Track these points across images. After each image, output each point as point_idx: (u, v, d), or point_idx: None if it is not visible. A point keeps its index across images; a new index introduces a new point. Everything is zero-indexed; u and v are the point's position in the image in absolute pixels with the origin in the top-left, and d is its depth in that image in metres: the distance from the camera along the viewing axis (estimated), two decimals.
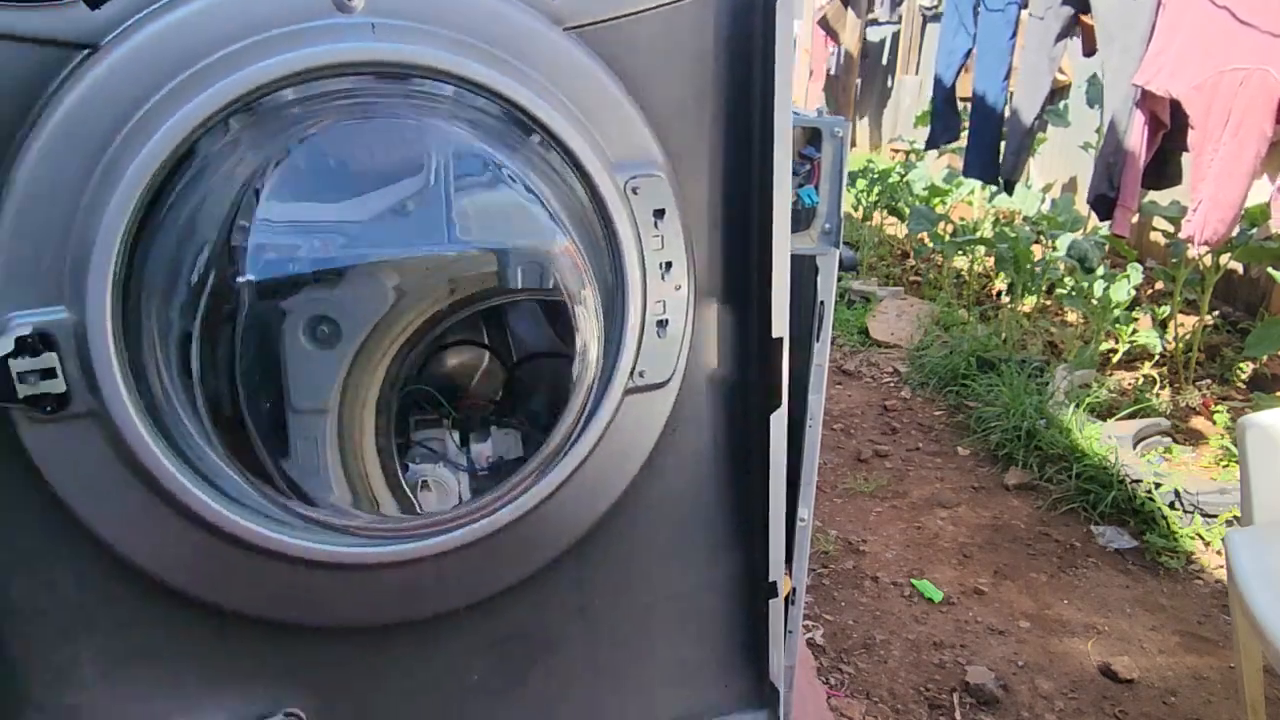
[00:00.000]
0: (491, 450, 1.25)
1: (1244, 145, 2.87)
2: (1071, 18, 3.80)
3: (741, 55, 0.97)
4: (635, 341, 1.00)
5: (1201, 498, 2.97)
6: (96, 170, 0.79)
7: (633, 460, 1.07)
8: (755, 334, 1.07)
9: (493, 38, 0.89)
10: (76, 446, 0.84)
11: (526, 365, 1.66)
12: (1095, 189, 3.54)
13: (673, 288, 1.01)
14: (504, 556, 1.05)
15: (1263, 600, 1.71)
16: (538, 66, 0.91)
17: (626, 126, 0.95)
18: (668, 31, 0.95)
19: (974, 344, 4.24)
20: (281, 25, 0.82)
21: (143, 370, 0.85)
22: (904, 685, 2.28)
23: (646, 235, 0.98)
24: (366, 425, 1.09)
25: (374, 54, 0.85)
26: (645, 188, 0.96)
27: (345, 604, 1.01)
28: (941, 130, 4.99)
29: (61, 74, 0.78)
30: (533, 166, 0.95)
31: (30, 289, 0.80)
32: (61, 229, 0.79)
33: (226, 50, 0.81)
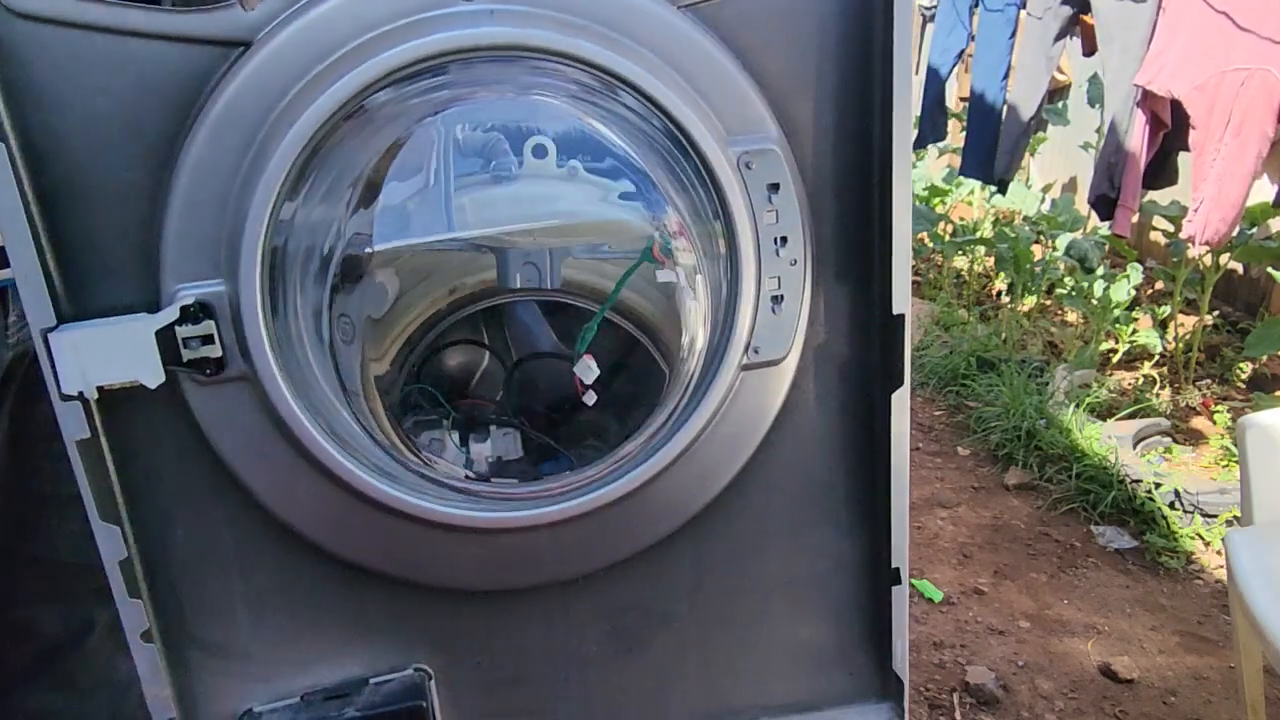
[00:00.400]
0: (491, 450, 1.25)
1: (1245, 145, 2.87)
2: (1071, 18, 3.79)
3: (859, 28, 0.97)
4: (750, 317, 0.99)
5: (1201, 498, 2.98)
6: (249, 153, 0.88)
7: (750, 438, 1.07)
8: (875, 311, 1.05)
9: (608, 19, 0.92)
10: (231, 407, 0.93)
11: (526, 365, 1.66)
12: (1096, 189, 3.54)
13: (788, 263, 1.00)
14: (618, 530, 1.07)
15: (1263, 600, 1.71)
16: (653, 45, 0.93)
17: (741, 101, 0.96)
18: (783, 6, 0.96)
19: (974, 344, 4.24)
20: (409, 15, 0.89)
21: (289, 338, 0.94)
22: None
23: (761, 210, 0.98)
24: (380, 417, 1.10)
25: (496, 37, 0.90)
26: (759, 162, 0.97)
27: (466, 567, 1.06)
28: (929, 130, 4.96)
29: (221, 69, 0.88)
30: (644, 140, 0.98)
31: (194, 263, 0.90)
32: (219, 209, 0.89)
33: (360, 40, 0.89)
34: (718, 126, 0.96)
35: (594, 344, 1.20)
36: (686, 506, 1.08)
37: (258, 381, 0.91)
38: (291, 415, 0.92)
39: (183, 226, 0.89)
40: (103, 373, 0.89)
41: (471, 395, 1.32)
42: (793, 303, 1.01)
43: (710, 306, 1.01)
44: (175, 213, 0.89)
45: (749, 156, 0.96)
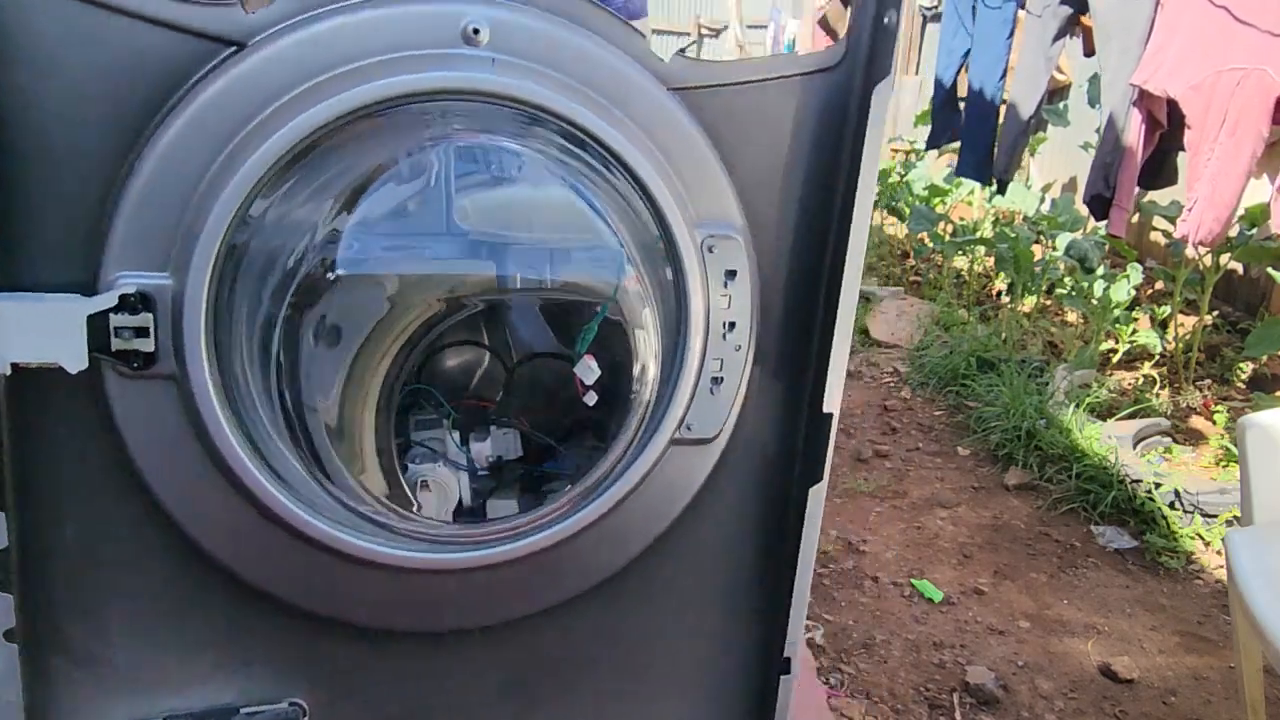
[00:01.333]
0: (491, 450, 1.25)
1: (1241, 145, 2.87)
2: (1070, 17, 3.79)
3: (831, 136, 1.01)
4: (688, 395, 1.02)
5: (1201, 498, 2.97)
6: (221, 156, 0.87)
7: (671, 508, 1.09)
8: (806, 406, 1.08)
9: (602, 87, 0.95)
10: (152, 405, 0.91)
11: (526, 365, 1.66)
12: (1091, 188, 3.54)
13: (733, 348, 1.03)
14: (525, 586, 1.07)
15: (1263, 600, 1.71)
16: (639, 119, 0.96)
17: (713, 187, 1.00)
18: (766, 104, 0.99)
19: (974, 344, 4.24)
20: (411, 49, 0.90)
21: (224, 348, 0.93)
22: (904, 685, 2.28)
23: (715, 294, 1.01)
24: (367, 425, 1.09)
25: (491, 86, 0.91)
26: (721, 248, 1.00)
27: (366, 602, 1.04)
28: (942, 129, 4.98)
29: (208, 65, 0.87)
30: (614, 203, 1.01)
31: (142, 254, 0.87)
32: (180, 204, 0.87)
33: (359, 64, 0.89)
34: (688, 207, 0.98)
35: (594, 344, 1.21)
36: (597, 570, 1.09)
37: (185, 383, 0.89)
38: (214, 423, 0.90)
39: (137, 214, 0.87)
40: (22, 350, 0.85)
41: (472, 395, 1.32)
42: (730, 386, 1.05)
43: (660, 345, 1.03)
44: (132, 199, 0.86)
45: (713, 240, 0.99)
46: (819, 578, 2.72)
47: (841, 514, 3.11)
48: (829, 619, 2.53)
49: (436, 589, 1.04)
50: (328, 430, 1.03)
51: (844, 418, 3.89)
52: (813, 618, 2.52)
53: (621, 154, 0.95)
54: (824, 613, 2.56)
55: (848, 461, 3.51)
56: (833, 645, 2.42)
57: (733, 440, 1.08)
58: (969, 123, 4.44)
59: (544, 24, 0.94)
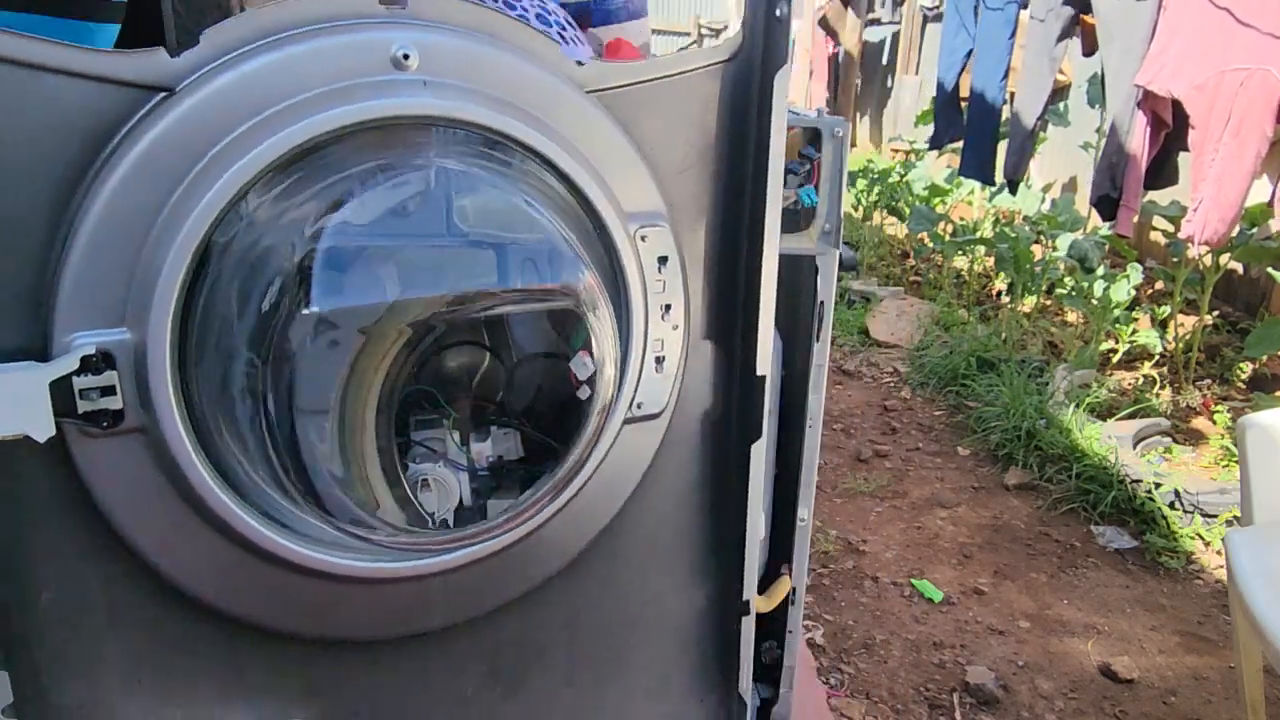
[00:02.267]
0: (491, 450, 1.25)
1: (1245, 145, 2.87)
2: (1072, 18, 3.80)
3: (740, 121, 1.07)
4: (636, 376, 1.08)
5: (1201, 498, 2.98)
6: (168, 204, 0.85)
7: (625, 486, 1.15)
8: (740, 371, 1.15)
9: (529, 98, 0.98)
10: (123, 459, 0.88)
11: (526, 365, 1.66)
12: (1098, 189, 3.54)
13: (670, 327, 1.10)
14: (505, 574, 1.12)
15: (1263, 600, 1.71)
16: (565, 125, 1.00)
17: (637, 180, 1.05)
18: (675, 97, 1.05)
19: (974, 344, 4.24)
20: (343, 80, 0.90)
21: (191, 390, 0.90)
22: (904, 685, 2.28)
23: (650, 279, 1.06)
24: (367, 425, 1.09)
25: (428, 109, 0.92)
26: (652, 236, 1.06)
27: (354, 617, 1.06)
28: (945, 129, 4.99)
29: (139, 113, 0.85)
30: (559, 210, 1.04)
31: (95, 311, 0.85)
32: (130, 257, 0.84)
33: (293, 100, 0.88)
34: (618, 202, 1.04)
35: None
36: (566, 551, 1.14)
37: (156, 433, 0.87)
38: (191, 468, 0.88)
39: (85, 270, 0.83)
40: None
41: (472, 395, 1.32)
42: (672, 363, 1.11)
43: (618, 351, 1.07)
44: (77, 256, 0.83)
45: (644, 231, 1.06)
46: (819, 578, 2.72)
47: (841, 514, 3.11)
48: (829, 619, 2.53)
49: (422, 593, 1.07)
50: (326, 433, 1.03)
51: (844, 418, 3.89)
52: (813, 618, 2.52)
53: (556, 161, 0.98)
54: (824, 613, 2.56)
55: (848, 461, 3.51)
56: (833, 645, 2.42)
57: (677, 412, 1.15)
58: (972, 123, 4.45)
59: (468, 43, 0.96)
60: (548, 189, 1.03)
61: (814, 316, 1.22)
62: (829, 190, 1.18)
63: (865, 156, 8.57)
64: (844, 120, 1.17)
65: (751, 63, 1.04)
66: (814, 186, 1.18)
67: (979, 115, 4.38)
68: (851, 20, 7.55)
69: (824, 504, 3.16)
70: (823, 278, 1.21)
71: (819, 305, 1.22)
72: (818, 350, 1.24)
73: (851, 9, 7.51)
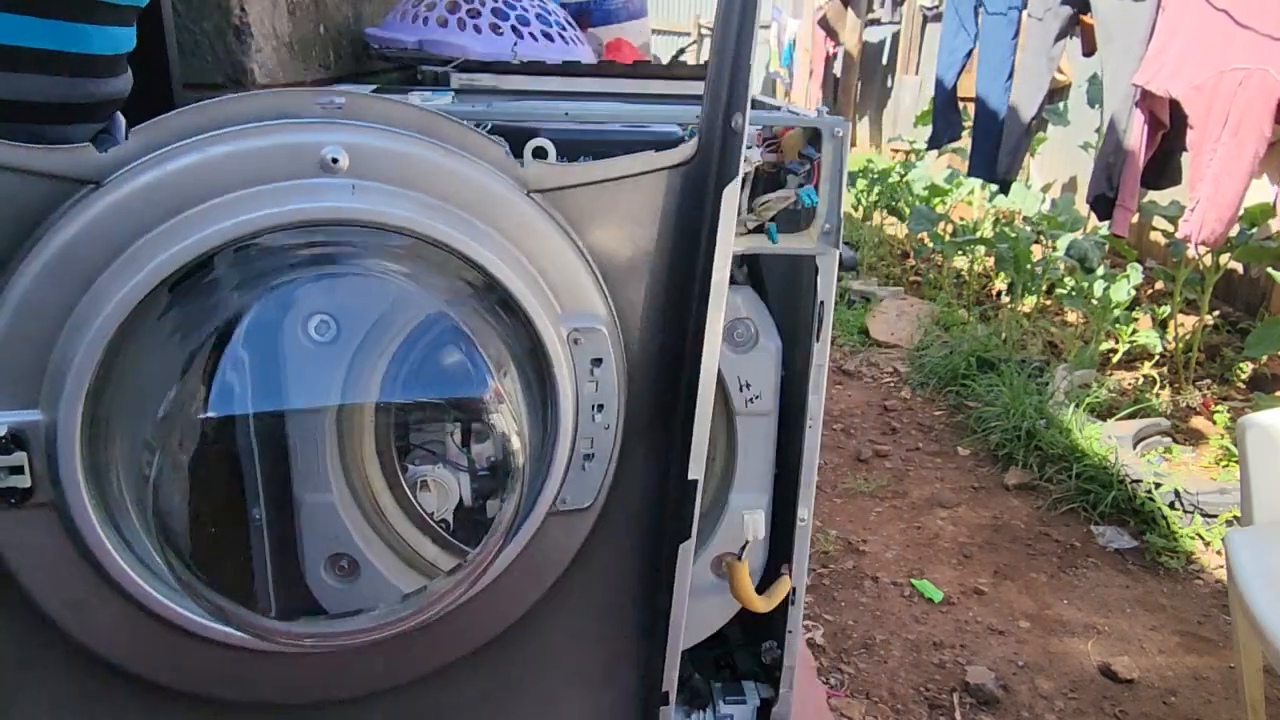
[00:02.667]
0: (492, 450, 1.25)
1: (1243, 145, 2.87)
2: (1071, 18, 3.80)
3: (687, 227, 1.06)
4: (562, 473, 1.07)
5: (1201, 498, 2.98)
6: (86, 294, 0.87)
7: (551, 570, 1.15)
8: (673, 473, 1.14)
9: (463, 201, 0.97)
10: (33, 529, 0.91)
11: None
12: (1095, 189, 3.54)
13: (602, 427, 1.09)
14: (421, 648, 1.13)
15: (1263, 600, 1.71)
16: (502, 226, 1.00)
17: (576, 283, 1.04)
18: (622, 200, 1.05)
19: (974, 344, 4.24)
20: (269, 182, 0.90)
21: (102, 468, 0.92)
22: (904, 685, 2.28)
23: (583, 381, 1.06)
24: (367, 426, 1.09)
25: (350, 213, 0.92)
26: (586, 340, 1.06)
27: (268, 683, 1.09)
28: (944, 129, 5.00)
29: (65, 205, 0.87)
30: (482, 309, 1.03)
31: (10, 393, 0.87)
32: (46, 342, 0.87)
33: (216, 201, 0.89)
34: (553, 304, 1.03)
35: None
36: (490, 627, 1.15)
37: (64, 508, 0.89)
38: (98, 543, 0.90)
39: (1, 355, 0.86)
40: None
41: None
42: (602, 461, 1.11)
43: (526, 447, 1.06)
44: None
45: (578, 334, 1.05)
46: (819, 578, 2.72)
47: (841, 514, 3.11)
48: (829, 619, 2.53)
49: (334, 662, 1.10)
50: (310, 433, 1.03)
51: (844, 418, 3.89)
52: (813, 618, 2.52)
53: (485, 266, 0.97)
54: (824, 613, 2.56)
55: (848, 461, 3.51)
56: (833, 645, 2.42)
57: (607, 506, 1.14)
58: (978, 125, 4.46)
59: (402, 145, 0.96)
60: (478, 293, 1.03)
61: (814, 316, 1.22)
62: (829, 190, 1.18)
63: (865, 156, 8.57)
64: (844, 120, 1.17)
65: (705, 170, 1.03)
66: (814, 186, 1.18)
67: (985, 117, 4.39)
68: (851, 20, 7.55)
69: (824, 504, 3.16)
70: (823, 278, 1.21)
71: (819, 305, 1.21)
72: (818, 350, 1.24)
73: (851, 9, 7.51)
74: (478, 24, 1.68)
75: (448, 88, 1.55)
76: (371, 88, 1.53)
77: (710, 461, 1.40)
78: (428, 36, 1.64)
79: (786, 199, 1.19)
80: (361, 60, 1.77)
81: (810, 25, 8.92)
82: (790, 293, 1.38)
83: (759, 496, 1.35)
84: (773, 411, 1.31)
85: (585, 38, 1.93)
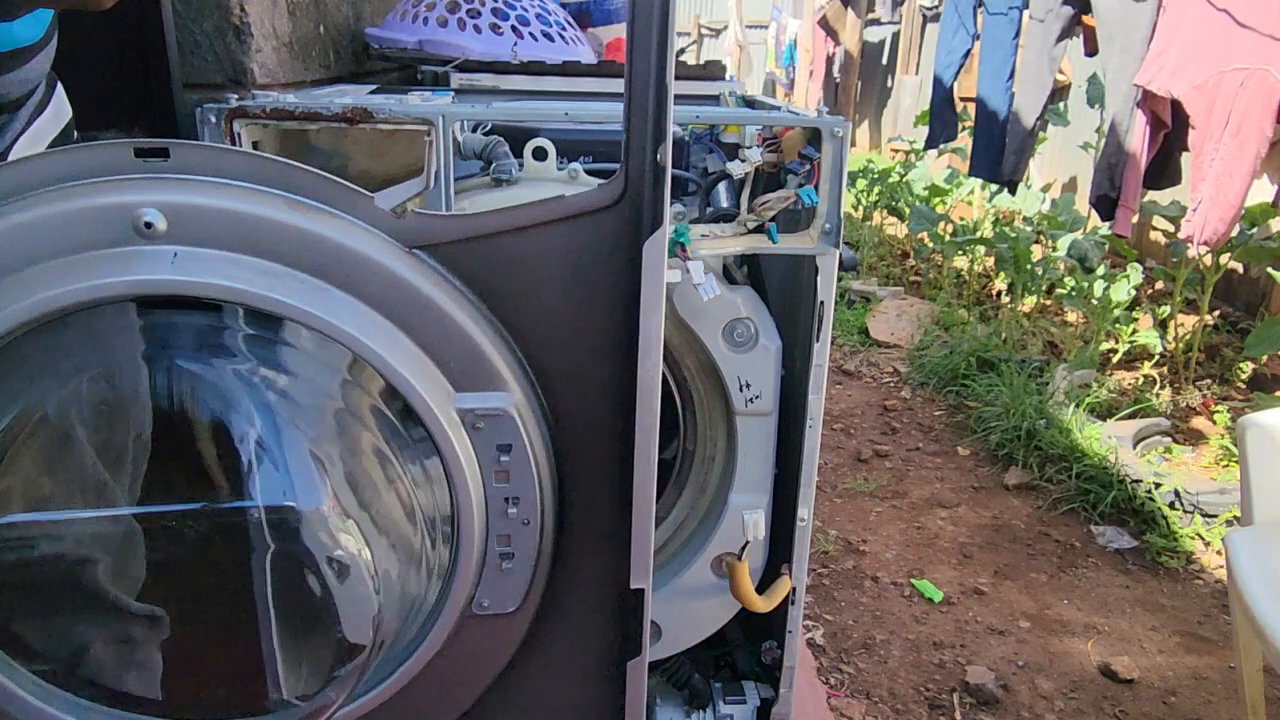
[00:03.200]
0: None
1: (1244, 145, 2.87)
2: (1072, 18, 3.80)
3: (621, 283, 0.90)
4: (474, 573, 0.95)
5: (1201, 498, 2.97)
6: None
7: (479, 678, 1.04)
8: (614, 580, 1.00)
9: (316, 264, 0.84)
10: None
11: None
12: (1097, 189, 3.54)
13: (520, 522, 0.95)
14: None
15: (1263, 600, 1.71)
16: (370, 292, 0.85)
17: (474, 355, 0.89)
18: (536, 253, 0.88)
19: (974, 344, 4.24)
20: (81, 251, 0.80)
21: None
22: (904, 685, 2.28)
23: (489, 470, 0.92)
24: (367, 427, 1.09)
25: (167, 285, 0.81)
26: (490, 423, 0.91)
27: None
28: (940, 130, 4.99)
29: None
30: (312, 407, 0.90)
31: None
32: None
33: (32, 269, 0.79)
34: (442, 383, 0.89)
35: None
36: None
37: None
38: None
39: None
40: None
41: None
42: (525, 561, 0.96)
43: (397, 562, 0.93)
44: None
45: (477, 417, 0.90)
46: (819, 578, 2.72)
47: (841, 514, 3.11)
48: (829, 619, 2.53)
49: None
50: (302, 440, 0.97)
51: (844, 417, 3.89)
52: (813, 618, 2.52)
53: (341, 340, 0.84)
54: (824, 613, 2.56)
55: (848, 461, 3.51)
56: (833, 645, 2.42)
57: (541, 612, 1.01)
58: (980, 124, 4.46)
59: (239, 202, 0.83)
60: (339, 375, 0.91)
61: (814, 316, 1.22)
62: (829, 190, 1.18)
63: (865, 156, 8.57)
64: (844, 120, 1.17)
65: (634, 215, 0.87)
66: (814, 186, 1.18)
67: (986, 117, 4.38)
68: (851, 20, 7.55)
69: (824, 504, 3.16)
70: (823, 278, 1.21)
71: (819, 305, 1.21)
72: (818, 350, 1.24)
73: (851, 9, 7.51)
74: (478, 24, 1.68)
75: (448, 88, 1.54)
76: (371, 88, 1.53)
77: (710, 461, 1.40)
78: (428, 36, 1.64)
79: (786, 199, 1.19)
80: (361, 60, 1.77)
81: (810, 25, 8.92)
82: (790, 293, 1.37)
83: (759, 496, 1.35)
84: (773, 411, 1.31)
85: (585, 38, 1.93)
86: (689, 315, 1.23)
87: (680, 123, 1.39)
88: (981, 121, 4.44)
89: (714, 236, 1.20)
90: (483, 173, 1.24)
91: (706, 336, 1.25)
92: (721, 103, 1.60)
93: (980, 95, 4.41)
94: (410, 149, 1.18)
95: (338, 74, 1.66)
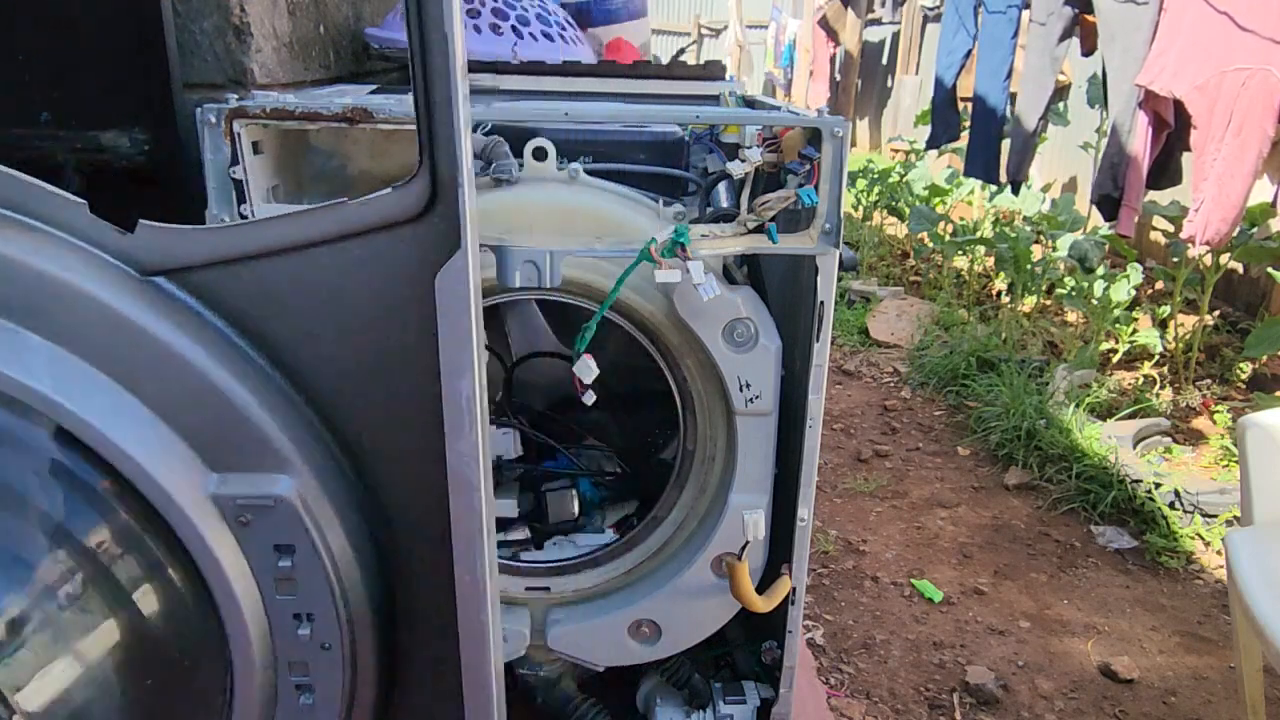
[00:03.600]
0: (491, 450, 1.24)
1: (1246, 145, 2.87)
2: (1073, 18, 3.80)
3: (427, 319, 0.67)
4: (258, 712, 0.75)
5: (1201, 498, 2.97)
6: None
7: None
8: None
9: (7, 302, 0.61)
10: None
11: (525, 364, 1.66)
12: (1099, 189, 3.54)
13: (318, 646, 0.73)
14: None
15: (1263, 600, 1.71)
16: (79, 338, 0.62)
17: (238, 421, 0.66)
18: (316, 279, 0.66)
19: (974, 344, 4.24)
20: None
21: None
22: (904, 685, 2.28)
23: (265, 578, 0.70)
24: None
25: None
26: (262, 518, 0.68)
27: None
28: (942, 130, 5.00)
29: None
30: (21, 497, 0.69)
31: None
32: None
33: None
34: (191, 461, 0.66)
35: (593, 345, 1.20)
36: None
37: None
38: None
39: None
40: None
41: None
42: (330, 692, 0.75)
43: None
44: None
45: (241, 509, 0.68)
46: (819, 578, 2.72)
47: (841, 514, 3.11)
48: (829, 619, 2.53)
49: None
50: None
51: (844, 417, 3.89)
52: (813, 618, 2.52)
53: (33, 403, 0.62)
54: (824, 613, 2.55)
55: (848, 461, 3.51)
56: (833, 645, 2.42)
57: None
58: (976, 124, 4.46)
59: None
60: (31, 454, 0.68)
61: (814, 316, 1.22)
62: (829, 190, 1.18)
63: (865, 156, 8.57)
64: (844, 120, 1.17)
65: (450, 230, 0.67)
66: (814, 186, 1.18)
67: (983, 116, 4.39)
68: (851, 20, 7.55)
69: (824, 504, 3.16)
70: (823, 278, 1.21)
71: (819, 305, 1.22)
72: (818, 350, 1.24)
73: (851, 9, 7.51)
74: (478, 24, 1.68)
75: None
76: (371, 88, 1.53)
77: (710, 461, 1.41)
78: None
79: (786, 199, 1.19)
80: (361, 60, 1.77)
81: (810, 25, 8.91)
82: (790, 293, 1.38)
83: (759, 496, 1.35)
84: (773, 411, 1.31)
85: (585, 38, 1.93)
86: (689, 315, 1.23)
87: (680, 123, 1.39)
88: (978, 120, 4.44)
89: (714, 236, 1.20)
90: (483, 173, 1.24)
91: (706, 336, 1.25)
92: (721, 103, 1.61)
93: (977, 94, 4.41)
94: (410, 149, 1.18)
95: (338, 74, 1.66)
